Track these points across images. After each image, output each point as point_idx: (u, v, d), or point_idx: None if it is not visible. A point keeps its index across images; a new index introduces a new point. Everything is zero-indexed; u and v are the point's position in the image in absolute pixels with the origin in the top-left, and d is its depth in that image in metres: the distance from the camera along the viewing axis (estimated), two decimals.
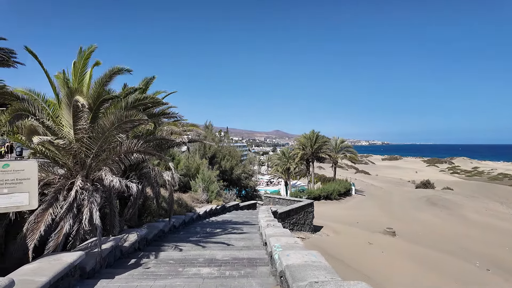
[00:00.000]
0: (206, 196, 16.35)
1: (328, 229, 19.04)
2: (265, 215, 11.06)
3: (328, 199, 33.78)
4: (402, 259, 13.22)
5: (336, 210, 28.54)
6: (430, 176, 66.24)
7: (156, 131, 8.73)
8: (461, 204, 31.46)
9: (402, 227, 21.88)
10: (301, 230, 17.58)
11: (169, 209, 8.53)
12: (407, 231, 20.92)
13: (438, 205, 30.85)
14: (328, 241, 14.95)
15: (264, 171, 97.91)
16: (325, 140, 40.32)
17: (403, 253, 14.34)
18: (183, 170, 18.91)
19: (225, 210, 16.84)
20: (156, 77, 8.65)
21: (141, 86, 7.95)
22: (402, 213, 27.71)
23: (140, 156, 7.09)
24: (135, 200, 8.01)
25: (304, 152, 39.41)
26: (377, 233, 19.34)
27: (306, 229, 17.94)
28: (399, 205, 31.58)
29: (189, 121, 9.97)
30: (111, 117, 5.65)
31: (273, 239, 5.69)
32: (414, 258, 13.64)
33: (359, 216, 25.69)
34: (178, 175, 8.50)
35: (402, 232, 20.34)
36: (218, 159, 27.07)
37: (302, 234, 16.35)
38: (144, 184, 8.33)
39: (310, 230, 18.21)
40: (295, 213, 17.07)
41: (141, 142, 6.42)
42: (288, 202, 19.74)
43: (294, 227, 17.02)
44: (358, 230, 19.65)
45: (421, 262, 13.02)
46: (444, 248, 16.94)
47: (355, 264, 11.07)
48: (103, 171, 6.01)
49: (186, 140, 8.69)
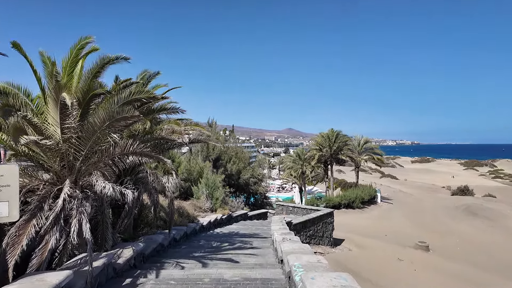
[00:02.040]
0: (210, 204, 16.30)
1: (350, 243, 18.82)
2: (279, 226, 10.93)
3: (349, 207, 33.44)
4: (439, 278, 12.88)
5: (359, 220, 28.25)
6: (468, 181, 64.97)
7: (154, 130, 8.68)
8: (506, 214, 30.71)
9: (436, 241, 21.50)
10: (319, 244, 17.40)
11: (169, 220, 8.42)
12: (442, 245, 20.55)
13: (478, 215, 30.18)
14: (351, 257, 14.71)
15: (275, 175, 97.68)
16: (346, 140, 39.76)
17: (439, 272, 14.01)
18: (184, 174, 18.93)
19: (232, 220, 16.80)
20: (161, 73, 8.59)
21: (139, 81, 7.87)
22: (436, 224, 27.24)
23: (136, 158, 7.03)
24: (130, 209, 7.91)
25: (322, 153, 38.94)
26: (408, 248, 19.04)
27: (325, 243, 17.75)
28: (432, 215, 31.05)
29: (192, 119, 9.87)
30: (102, 114, 5.56)
31: (292, 257, 5.51)
32: (453, 277, 13.30)
33: (386, 227, 25.35)
34: (179, 180, 8.39)
35: (436, 247, 19.98)
36: (223, 161, 27.06)
37: (320, 249, 16.16)
38: (141, 190, 8.25)
39: (329, 244, 18.02)
40: (312, 224, 16.95)
41: (137, 143, 6.32)
42: (303, 211, 19.67)
43: (311, 240, 16.87)
44: (386, 244, 19.37)
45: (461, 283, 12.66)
46: (487, 266, 16.50)
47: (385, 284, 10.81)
48: (94, 176, 5.93)
49: (187, 140, 8.63)
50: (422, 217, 30.37)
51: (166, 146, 8.86)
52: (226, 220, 16.06)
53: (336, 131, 39.58)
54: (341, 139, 39.14)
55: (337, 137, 39.12)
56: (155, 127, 8.82)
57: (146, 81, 8.53)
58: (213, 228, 14.20)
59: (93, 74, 6.09)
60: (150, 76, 8.67)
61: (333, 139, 38.84)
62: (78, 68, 6.34)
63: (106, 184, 5.61)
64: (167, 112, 8.49)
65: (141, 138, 7.91)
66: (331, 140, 38.87)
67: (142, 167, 8.51)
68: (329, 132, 39.71)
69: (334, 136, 39.07)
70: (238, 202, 20.23)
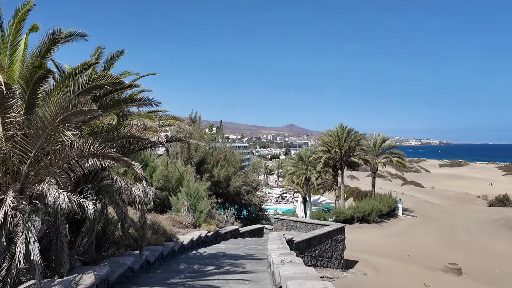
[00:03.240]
0: (192, 218, 16.25)
1: (365, 265, 18.88)
2: (277, 245, 10.97)
3: (364, 221, 33.64)
4: None
5: (376, 237, 28.40)
6: (508, 189, 65.48)
7: (122, 126, 8.54)
8: None
9: (471, 262, 21.66)
10: (327, 267, 17.49)
11: (141, 238, 8.33)
12: (477, 268, 20.71)
13: None
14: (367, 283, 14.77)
15: (274, 182, 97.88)
16: (359, 138, 39.94)
17: None
18: (160, 182, 18.82)
19: (219, 238, 16.77)
20: (126, 52, 8.41)
21: (94, 61, 7.67)
22: (470, 242, 27.45)
23: (98, 162, 6.84)
24: (92, 225, 7.83)
25: (330, 155, 39.01)
26: (436, 271, 19.16)
27: (334, 265, 17.83)
28: (465, 231, 31.28)
29: (170, 112, 9.81)
30: (54, 106, 5.48)
31: (292, 283, 5.49)
32: None
33: (409, 246, 25.46)
34: (153, 189, 8.31)
35: (470, 269, 20.12)
36: (209, 165, 26.96)
37: (328, 273, 16.20)
38: (105, 201, 8.21)
39: (340, 267, 18.08)
40: (318, 243, 17.10)
41: (100, 142, 6.29)
42: (308, 226, 19.83)
43: (318, 262, 16.95)
44: (409, 267, 19.49)
45: None
46: None
47: None
48: (46, 184, 5.87)
49: (164, 138, 8.40)
50: (452, 233, 30.59)
51: (136, 146, 8.86)
52: (212, 238, 16.00)
53: (347, 128, 39.68)
54: (353, 138, 39.27)
55: (348, 135, 39.21)
56: (123, 122, 8.73)
57: (108, 63, 8.40)
58: (196, 247, 14.12)
59: (41, 55, 5.99)
60: (113, 57, 8.47)
61: (344, 137, 38.93)
62: (21, 48, 6.25)
63: (61, 194, 5.56)
64: (138, 104, 8.40)
65: (105, 136, 7.84)
66: (341, 138, 38.93)
67: (107, 173, 8.39)
68: (338, 129, 39.74)
69: (345, 133, 39.14)
70: (228, 216, 20.14)
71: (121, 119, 8.71)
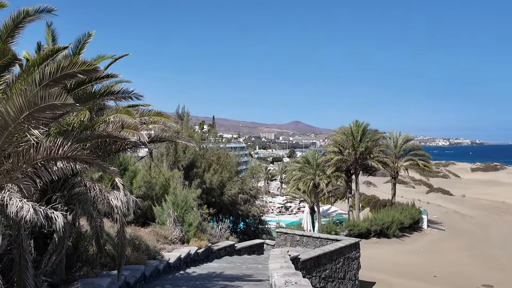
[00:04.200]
0: (179, 233, 16.13)
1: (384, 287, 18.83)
2: (279, 264, 10.91)
3: (383, 236, 33.67)
4: None
5: (396, 254, 28.42)
6: None
7: (96, 124, 8.55)
8: None
9: (508, 283, 21.62)
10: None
11: (119, 255, 8.32)
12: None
13: None
14: None
15: (276, 190, 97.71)
16: (377, 138, 39.96)
17: None
18: (142, 189, 18.67)
19: (212, 255, 16.67)
20: (94, 33, 8.44)
21: (63, 46, 7.68)
22: (507, 260, 27.39)
23: (69, 165, 6.79)
24: (62, 241, 7.78)
25: (343, 157, 38.92)
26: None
27: (347, 287, 17.75)
28: (501, 246, 31.29)
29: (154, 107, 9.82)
30: (19, 100, 5.46)
31: None
32: None
33: (436, 265, 25.44)
34: (134, 198, 8.27)
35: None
36: (200, 169, 26.81)
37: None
38: (77, 212, 8.19)
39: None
40: (328, 261, 17.13)
41: (71, 143, 6.30)
42: (316, 241, 19.85)
43: (328, 284, 16.96)
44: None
45: None
46: None
47: None
48: (7, 192, 5.86)
49: (146, 138, 8.35)
50: (487, 249, 30.56)
51: (114, 147, 8.89)
52: (203, 256, 15.91)
53: (363, 124, 39.64)
54: (370, 137, 39.27)
55: (364, 133, 39.15)
56: (98, 119, 8.74)
57: (77, 48, 8.37)
58: (185, 267, 14.01)
59: (4, 36, 5.99)
60: (82, 39, 8.52)
61: (359, 136, 38.84)
62: None
63: (25, 204, 5.52)
64: (116, 97, 8.36)
65: (77, 135, 7.82)
66: (355, 137, 38.86)
67: (79, 179, 8.44)
68: (352, 126, 39.70)
69: (360, 131, 39.07)
70: (221, 229, 20.06)
71: (94, 116, 8.73)
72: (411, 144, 42.92)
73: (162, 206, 17.25)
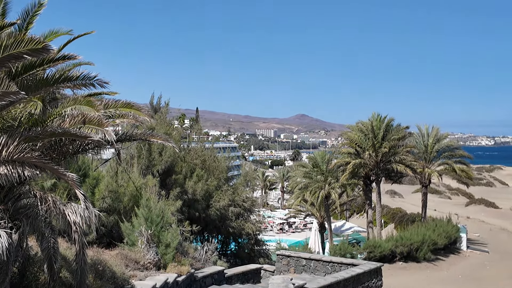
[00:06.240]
0: (154, 256, 15.28)
1: None
2: None
3: (411, 259, 31.92)
4: None
5: (428, 282, 27.27)
6: None
7: (50, 118, 8.42)
8: None
9: None
10: None
11: (78, 284, 8.47)
12: None
13: None
14: None
15: (276, 201, 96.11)
16: (402, 135, 35.93)
17: None
18: (107, 200, 17.79)
19: (195, 284, 15.72)
20: (46, 4, 8.17)
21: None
22: None
23: (14, 171, 6.85)
24: (6, 266, 7.76)
25: (361, 160, 34.99)
26: None
27: None
28: None
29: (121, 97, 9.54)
30: None
31: None
32: None
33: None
34: (97, 211, 8.25)
35: None
36: (180, 176, 25.68)
37: None
38: (25, 230, 8.16)
39: None
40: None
41: (17, 142, 6.70)
42: (328, 266, 19.16)
43: None
44: None
45: None
46: None
47: None
48: None
49: (113, 136, 8.04)
50: None
51: (72, 147, 8.78)
52: (184, 285, 14.98)
53: (386, 119, 36.08)
54: (394, 134, 35.27)
55: (387, 129, 35.40)
56: (52, 111, 8.58)
57: (26, 22, 8.16)
58: None
59: None
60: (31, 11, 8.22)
61: (381, 133, 34.98)
62: None
63: None
64: (74, 84, 8.09)
65: (25, 133, 7.78)
66: (376, 135, 35.01)
67: (27, 188, 8.54)
68: (372, 119, 36.00)
69: (383, 127, 35.23)
70: (208, 252, 19.16)
71: (48, 107, 8.57)
72: (447, 143, 39.52)
73: (132, 222, 16.85)
